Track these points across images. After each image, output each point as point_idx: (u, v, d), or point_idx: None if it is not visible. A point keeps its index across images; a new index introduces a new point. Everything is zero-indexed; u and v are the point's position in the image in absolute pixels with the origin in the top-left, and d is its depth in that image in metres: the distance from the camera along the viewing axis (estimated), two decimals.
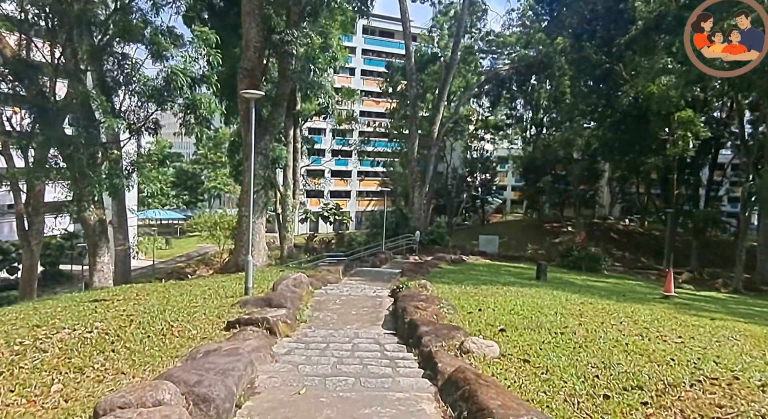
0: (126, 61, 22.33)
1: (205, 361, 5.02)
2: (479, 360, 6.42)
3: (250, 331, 7.41)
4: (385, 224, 30.96)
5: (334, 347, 7.46)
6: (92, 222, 22.46)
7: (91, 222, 22.42)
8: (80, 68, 22.46)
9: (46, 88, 21.98)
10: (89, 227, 22.55)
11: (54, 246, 39.24)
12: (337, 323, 9.88)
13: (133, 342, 7.12)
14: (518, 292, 13.85)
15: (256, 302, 9.93)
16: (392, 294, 12.58)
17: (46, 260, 38.81)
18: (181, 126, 26.22)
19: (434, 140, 37.27)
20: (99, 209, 22.90)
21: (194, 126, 25.63)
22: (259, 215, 18.57)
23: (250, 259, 11.94)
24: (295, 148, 32.87)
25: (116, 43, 22.29)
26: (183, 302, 10.51)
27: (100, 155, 22.88)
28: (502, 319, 9.32)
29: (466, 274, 19.82)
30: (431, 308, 8.93)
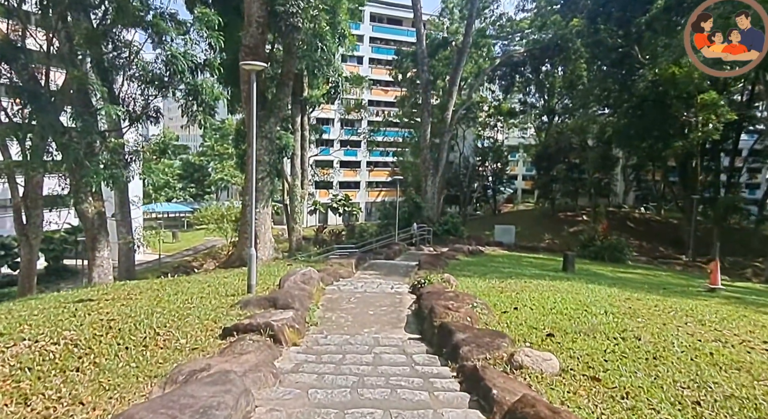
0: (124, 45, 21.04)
1: (182, 393, 3.71)
2: (536, 379, 5.08)
3: (250, 341, 6.09)
4: (397, 215, 29.58)
5: (352, 359, 6.14)
6: (90, 215, 21.33)
7: (89, 215, 21.29)
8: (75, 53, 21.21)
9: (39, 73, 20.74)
10: (87, 220, 21.42)
11: (57, 241, 38.20)
12: (353, 325, 8.55)
13: (106, 356, 5.83)
14: (551, 286, 12.47)
15: (260, 303, 8.63)
16: (413, 290, 11.26)
17: (50, 255, 37.96)
18: (183, 113, 25.06)
19: (447, 126, 35.77)
20: (98, 201, 21.75)
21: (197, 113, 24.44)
22: (264, 205, 17.24)
23: (253, 253, 10.63)
24: (302, 136, 31.49)
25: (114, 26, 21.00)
26: (176, 302, 9.22)
27: (98, 144, 21.73)
28: (545, 320, 7.97)
29: (487, 266, 18.47)
30: (464, 309, 7.58)
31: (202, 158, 76.00)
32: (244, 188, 18.30)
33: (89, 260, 22.25)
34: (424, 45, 35.61)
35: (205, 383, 3.93)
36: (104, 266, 22.12)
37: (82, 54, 21.69)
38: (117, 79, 22.35)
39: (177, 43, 21.02)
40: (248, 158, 10.80)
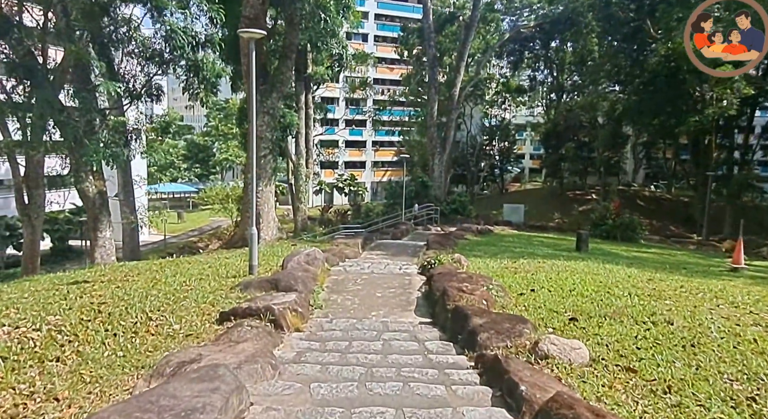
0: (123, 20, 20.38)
1: (162, 393, 3.19)
2: (564, 370, 4.55)
3: (247, 327, 5.58)
4: (404, 194, 29.00)
5: (359, 347, 5.62)
6: (92, 195, 20.91)
7: (90, 194, 20.86)
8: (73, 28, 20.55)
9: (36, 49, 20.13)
10: (89, 199, 21.00)
11: (62, 221, 37.90)
12: (360, 309, 8.05)
13: (91, 344, 5.34)
14: (567, 267, 11.92)
15: (261, 285, 8.13)
16: (422, 271, 10.73)
17: (55, 236, 37.73)
18: (184, 91, 24.44)
19: (454, 104, 34.97)
20: (99, 181, 21.31)
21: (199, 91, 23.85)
22: (267, 183, 16.66)
23: (254, 232, 10.11)
24: (307, 114, 30.80)
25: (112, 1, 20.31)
26: (173, 285, 8.73)
27: (98, 122, 21.22)
28: (566, 303, 7.44)
29: (497, 246, 17.92)
30: (479, 292, 7.05)
31: (206, 138, 75.32)
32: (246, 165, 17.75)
33: (91, 241, 21.91)
34: (430, 20, 34.66)
35: (190, 379, 3.42)
36: (107, 246, 21.76)
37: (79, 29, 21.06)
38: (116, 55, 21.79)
39: (177, 18, 20.42)
40: (249, 134, 10.19)
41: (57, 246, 38.13)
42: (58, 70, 20.41)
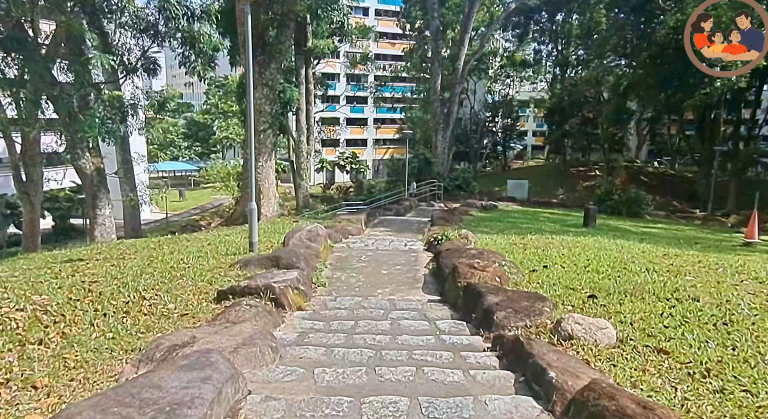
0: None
1: (145, 383, 2.81)
2: (590, 352, 4.17)
3: (246, 307, 5.21)
4: (407, 170, 28.50)
5: (366, 327, 5.25)
6: (89, 172, 20.55)
7: (87, 172, 20.50)
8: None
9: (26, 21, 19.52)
10: (86, 177, 20.65)
11: (63, 199, 37.56)
12: (365, 286, 7.69)
13: (79, 325, 4.97)
14: (577, 242, 11.55)
15: (261, 262, 7.76)
16: (429, 248, 10.36)
17: (56, 215, 37.46)
18: (180, 64, 23.88)
19: (458, 78, 34.20)
20: (96, 158, 20.92)
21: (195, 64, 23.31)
22: (267, 159, 16.19)
23: (254, 207, 9.71)
24: (307, 89, 30.08)
25: None
26: (170, 262, 8.36)
27: (92, 96, 20.74)
28: (581, 280, 7.05)
29: (504, 222, 17.54)
30: (491, 268, 6.66)
31: (206, 116, 74.49)
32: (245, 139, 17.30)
33: (90, 219, 21.62)
34: None
35: (179, 367, 3.04)
36: (106, 224, 21.47)
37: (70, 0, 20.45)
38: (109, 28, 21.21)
39: None
40: (247, 106, 9.73)
41: (58, 225, 37.83)
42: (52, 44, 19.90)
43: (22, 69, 19.14)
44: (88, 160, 20.33)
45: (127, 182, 26.83)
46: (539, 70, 58.71)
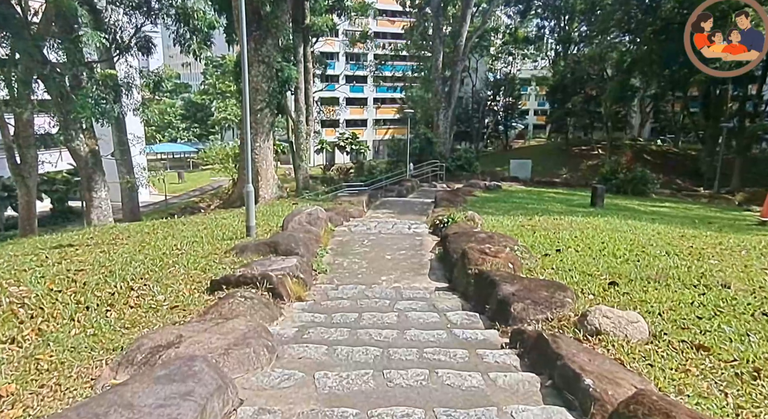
0: None
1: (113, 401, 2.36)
2: (622, 349, 3.75)
3: (240, 299, 4.79)
4: (408, 150, 27.94)
5: (371, 320, 4.83)
6: (83, 153, 20.10)
7: (82, 153, 20.05)
8: None
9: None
10: (80, 158, 20.21)
11: (60, 181, 37.11)
12: (368, 273, 7.27)
13: (58, 319, 4.56)
14: (587, 224, 11.12)
15: (258, 248, 7.33)
16: (434, 231, 9.92)
17: (54, 197, 37.08)
18: (174, 42, 23.24)
19: (460, 55, 33.42)
20: (90, 139, 20.45)
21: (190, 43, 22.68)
22: (265, 139, 15.65)
23: (251, 189, 9.24)
24: (306, 68, 29.37)
25: None
26: (163, 248, 7.93)
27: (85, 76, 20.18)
28: (598, 265, 6.63)
29: (509, 202, 17.08)
30: (504, 254, 6.23)
31: (204, 97, 73.49)
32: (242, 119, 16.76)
33: (86, 202, 21.24)
34: None
35: (157, 379, 2.61)
36: (103, 207, 21.09)
37: None
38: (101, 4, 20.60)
39: None
40: (242, 83, 9.21)
41: (57, 207, 37.45)
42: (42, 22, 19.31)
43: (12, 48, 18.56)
44: (82, 141, 19.87)
45: (124, 164, 26.34)
46: (541, 48, 57.79)
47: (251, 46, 14.87)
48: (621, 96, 52.88)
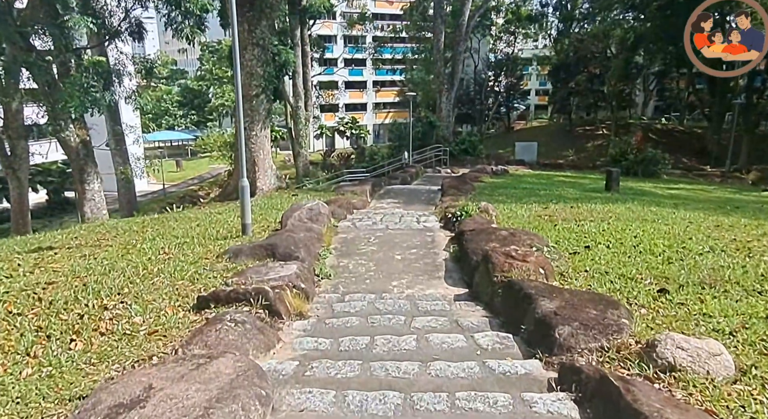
0: None
1: None
2: (707, 393, 2.98)
3: (230, 324, 4.01)
4: (410, 135, 27.03)
5: (385, 346, 4.05)
6: (74, 144, 19.38)
7: (72, 144, 19.31)
8: None
9: None
10: (71, 150, 19.48)
11: (56, 172, 36.46)
12: (377, 277, 6.50)
13: (10, 356, 3.80)
14: (608, 212, 10.35)
15: (254, 252, 6.55)
16: (446, 225, 9.14)
17: (50, 188, 36.52)
18: (166, 26, 22.28)
19: (462, 35, 32.30)
20: (81, 129, 19.68)
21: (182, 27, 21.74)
22: (261, 127, 14.77)
23: (246, 184, 8.44)
24: (303, 52, 28.42)
25: None
26: (149, 252, 7.17)
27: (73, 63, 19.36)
28: (637, 265, 5.86)
29: (519, 188, 16.25)
30: (533, 258, 5.43)
31: (201, 83, 72.30)
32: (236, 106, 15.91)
33: (78, 194, 20.54)
34: None
35: None
36: (96, 199, 20.39)
37: None
38: None
39: None
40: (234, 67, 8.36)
41: (53, 198, 36.94)
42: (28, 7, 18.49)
43: None
44: (72, 132, 19.13)
45: (119, 154, 25.58)
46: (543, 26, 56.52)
47: (245, 29, 13.97)
48: (626, 74, 51.85)
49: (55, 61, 19.07)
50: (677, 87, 56.87)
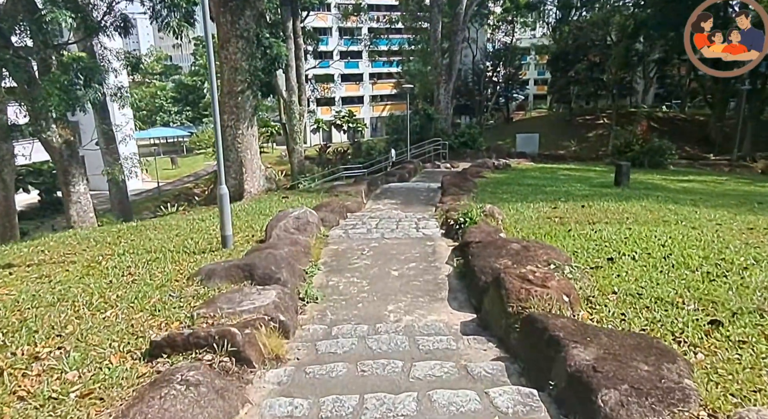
0: None
1: None
2: None
3: (180, 387, 3.13)
4: (408, 128, 26.10)
5: (378, 409, 3.18)
6: (57, 145, 18.56)
7: (55, 145, 18.48)
8: None
9: None
10: (54, 150, 18.71)
11: (47, 172, 35.77)
12: (371, 300, 5.66)
13: None
14: (624, 211, 9.58)
15: (230, 273, 5.68)
16: (448, 232, 8.27)
17: (41, 188, 35.88)
18: (151, 19, 21.38)
19: (460, 24, 31.28)
20: (64, 129, 18.84)
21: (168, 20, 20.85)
22: (248, 125, 13.79)
23: (225, 192, 7.58)
24: (296, 44, 27.42)
25: None
26: (112, 272, 6.31)
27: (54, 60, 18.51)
28: (674, 283, 5.02)
29: (523, 185, 15.38)
30: (555, 282, 4.57)
31: (195, 79, 71.19)
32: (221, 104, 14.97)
33: (64, 197, 19.81)
34: None
35: None
36: (82, 202, 19.60)
37: None
38: None
39: None
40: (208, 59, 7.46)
41: (45, 199, 36.32)
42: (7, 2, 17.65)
43: None
44: (54, 132, 18.30)
45: (110, 153, 24.73)
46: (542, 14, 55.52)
47: (227, 20, 13.02)
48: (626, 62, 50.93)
49: (35, 58, 18.23)
50: (678, 74, 56.03)
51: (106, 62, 20.98)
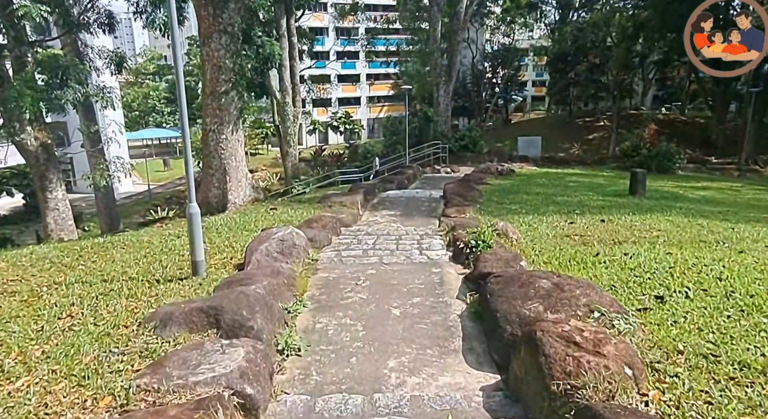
0: None
1: None
2: None
3: None
4: (407, 131, 24.98)
5: None
6: (33, 148, 17.47)
7: (30, 148, 17.39)
8: None
9: None
10: (30, 154, 17.67)
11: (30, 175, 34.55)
12: (367, 352, 4.53)
13: None
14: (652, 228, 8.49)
15: (190, 319, 4.53)
16: (456, 256, 7.15)
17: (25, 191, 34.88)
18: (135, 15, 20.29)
19: (459, 23, 30.18)
20: (41, 131, 17.74)
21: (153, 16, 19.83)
22: (233, 129, 12.55)
23: (195, 211, 6.44)
24: (290, 43, 26.29)
25: None
26: (51, 312, 5.16)
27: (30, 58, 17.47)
28: (750, 336, 3.91)
29: (530, 193, 14.28)
30: (611, 348, 3.42)
31: (189, 79, 70.03)
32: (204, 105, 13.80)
33: (41, 203, 18.67)
34: None
35: None
36: (60, 209, 18.52)
37: None
38: None
39: None
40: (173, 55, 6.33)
41: (30, 202, 35.22)
42: None
43: None
44: (29, 134, 17.18)
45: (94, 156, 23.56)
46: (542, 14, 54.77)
47: (209, 12, 11.87)
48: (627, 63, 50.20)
49: (9, 55, 17.13)
50: (678, 76, 55.43)
51: (88, 61, 19.93)
